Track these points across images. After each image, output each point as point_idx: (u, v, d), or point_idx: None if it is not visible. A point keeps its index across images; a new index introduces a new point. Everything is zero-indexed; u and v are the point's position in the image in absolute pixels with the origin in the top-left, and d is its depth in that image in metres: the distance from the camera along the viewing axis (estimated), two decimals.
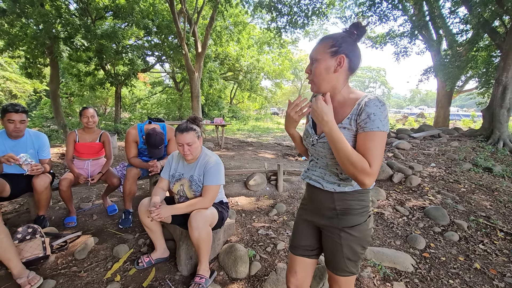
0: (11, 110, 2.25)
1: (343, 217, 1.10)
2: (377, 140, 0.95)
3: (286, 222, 2.83)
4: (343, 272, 1.12)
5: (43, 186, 2.34)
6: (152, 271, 1.94)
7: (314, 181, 1.17)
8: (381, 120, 0.95)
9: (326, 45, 1.02)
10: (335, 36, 1.03)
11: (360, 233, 1.09)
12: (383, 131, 0.95)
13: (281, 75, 22.44)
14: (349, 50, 1.01)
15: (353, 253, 1.10)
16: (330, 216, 1.13)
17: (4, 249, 1.67)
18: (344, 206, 1.10)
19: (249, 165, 5.36)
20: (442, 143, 6.57)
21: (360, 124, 0.98)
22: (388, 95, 61.83)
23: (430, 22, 9.93)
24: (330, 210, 1.13)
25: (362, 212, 1.10)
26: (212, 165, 1.88)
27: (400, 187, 3.89)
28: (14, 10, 8.19)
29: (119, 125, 12.22)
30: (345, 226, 1.10)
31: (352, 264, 1.11)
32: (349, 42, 1.01)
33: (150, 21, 10.38)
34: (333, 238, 1.13)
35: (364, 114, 0.97)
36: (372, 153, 0.94)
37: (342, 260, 1.11)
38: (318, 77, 1.05)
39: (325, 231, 1.17)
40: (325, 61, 1.02)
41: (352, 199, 1.09)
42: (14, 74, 15.30)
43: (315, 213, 1.21)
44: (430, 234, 2.69)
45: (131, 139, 2.71)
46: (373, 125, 0.95)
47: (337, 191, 1.10)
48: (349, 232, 1.09)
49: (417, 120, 22.13)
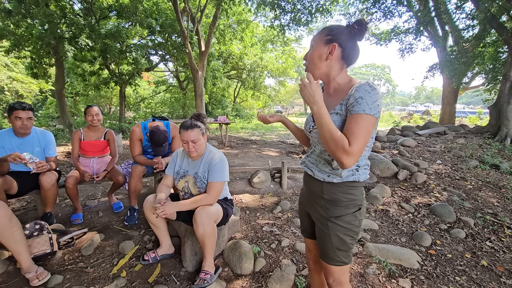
0: (18, 108, 2.29)
1: (330, 207, 1.13)
2: (361, 123, 0.95)
3: (290, 219, 2.83)
4: (334, 262, 1.15)
5: (49, 183, 2.37)
6: (157, 267, 1.95)
7: (308, 168, 1.22)
8: (367, 103, 0.96)
9: (323, 33, 1.07)
10: (334, 27, 1.07)
11: (347, 223, 1.11)
12: (369, 115, 0.96)
13: (285, 73, 22.36)
14: (343, 40, 1.04)
15: (341, 242, 1.12)
16: (319, 204, 1.17)
17: (16, 242, 1.70)
18: (332, 197, 1.12)
19: (253, 162, 5.36)
20: (448, 140, 6.50)
21: (348, 108, 1.00)
22: (393, 93, 61.27)
23: (435, 18, 9.81)
24: (319, 198, 1.17)
25: (349, 204, 1.11)
26: (217, 161, 1.89)
27: (406, 184, 3.86)
28: (20, 11, 8.28)
29: (124, 124, 12.30)
30: (331, 216, 1.13)
31: (342, 254, 1.14)
32: (346, 34, 1.04)
33: (153, 20, 10.40)
34: (321, 228, 1.17)
35: (352, 98, 0.99)
36: (354, 134, 0.95)
37: (332, 250, 1.14)
38: (311, 64, 1.10)
39: (316, 221, 1.22)
40: (319, 48, 1.07)
41: (340, 191, 1.11)
42: (20, 74, 15.47)
43: (309, 200, 1.26)
44: (436, 231, 2.67)
45: (136, 137, 2.73)
46: (359, 108, 0.96)
47: (326, 181, 1.13)
48: (335, 222, 1.12)
49: (422, 118, 21.90)
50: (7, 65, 15.00)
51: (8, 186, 2.22)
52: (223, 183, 1.92)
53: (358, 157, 0.96)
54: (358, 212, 1.13)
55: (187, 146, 1.83)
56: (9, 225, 1.68)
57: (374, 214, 3.01)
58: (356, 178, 1.10)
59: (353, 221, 1.12)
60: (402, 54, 11.45)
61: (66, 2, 9.25)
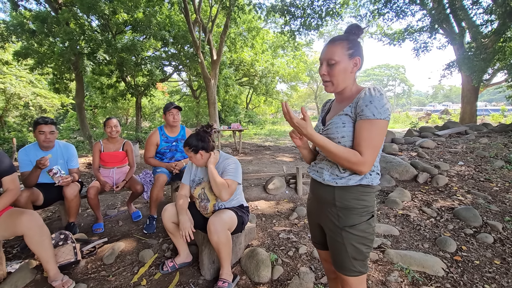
0: (41, 122, 2.43)
1: (343, 215, 1.10)
2: (372, 128, 0.98)
3: (307, 226, 2.79)
4: (351, 272, 1.11)
5: (72, 194, 2.47)
6: (176, 276, 1.97)
7: (317, 174, 1.20)
8: (376, 107, 0.98)
9: (344, 47, 1.07)
10: (348, 38, 1.09)
11: (362, 232, 1.09)
12: (379, 119, 0.98)
13: (296, 77, 22.38)
14: (360, 51, 1.09)
15: (357, 252, 1.10)
16: (331, 213, 1.14)
17: (45, 250, 1.78)
18: (344, 204, 1.10)
19: (268, 169, 5.36)
20: (470, 140, 6.24)
21: (358, 112, 1.02)
22: (409, 93, 59.71)
23: (451, 14, 9.53)
24: (330, 206, 1.14)
25: (362, 212, 1.09)
26: (230, 163, 1.97)
27: (426, 187, 3.73)
28: (43, 30, 8.78)
29: (140, 134, 12.64)
30: (345, 225, 1.10)
31: (359, 263, 1.10)
32: (358, 43, 1.09)
33: (166, 33, 10.73)
34: (335, 238, 1.13)
35: (361, 102, 1.01)
36: (365, 142, 0.98)
37: (348, 260, 1.10)
38: (337, 78, 1.09)
39: (328, 230, 1.18)
40: (344, 62, 1.07)
41: (353, 198, 1.09)
42: (43, 90, 16.31)
43: (318, 209, 1.23)
44: (461, 236, 2.55)
45: (153, 140, 2.91)
46: (369, 113, 0.98)
47: (338, 185, 1.10)
48: (350, 231, 1.09)
49: (441, 117, 21.17)
50: (32, 82, 15.84)
51: (35, 198, 2.33)
52: (236, 183, 1.93)
53: (373, 162, 0.99)
54: (371, 219, 1.11)
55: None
56: (40, 233, 1.76)
57: (394, 219, 2.92)
58: (370, 181, 1.09)
59: (367, 229, 1.10)
60: (417, 54, 11.18)
61: (85, 19, 9.73)
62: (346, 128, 1.06)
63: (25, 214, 1.76)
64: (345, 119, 1.07)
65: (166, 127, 3.01)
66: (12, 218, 1.74)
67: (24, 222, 1.72)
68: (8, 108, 17.80)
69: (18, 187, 1.88)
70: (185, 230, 1.83)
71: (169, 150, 2.97)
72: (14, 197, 1.85)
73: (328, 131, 1.12)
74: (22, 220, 1.72)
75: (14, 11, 9.56)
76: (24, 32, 9.21)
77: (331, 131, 1.10)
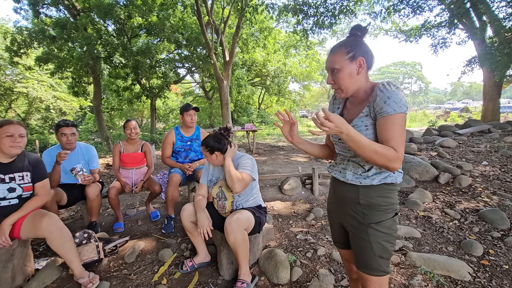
0: (63, 125, 2.52)
1: (368, 212, 1.09)
2: (396, 123, 0.97)
3: (324, 227, 2.75)
4: (376, 272, 1.09)
5: (94, 194, 2.54)
6: (195, 275, 1.99)
7: (339, 174, 1.19)
8: (396, 102, 0.97)
9: (342, 52, 1.07)
10: (346, 42, 1.09)
11: (388, 229, 1.08)
12: (400, 113, 0.97)
13: (309, 77, 22.19)
14: (363, 51, 1.07)
15: (383, 250, 1.08)
16: (355, 210, 1.13)
17: (67, 251, 1.84)
18: (369, 202, 1.09)
19: (282, 169, 5.33)
20: (494, 138, 5.98)
21: (377, 110, 1.01)
22: (426, 90, 58.00)
23: (471, 8, 9.17)
24: (354, 204, 1.13)
25: (387, 209, 1.09)
26: (246, 159, 1.98)
27: (448, 188, 3.60)
28: (62, 36, 9.11)
29: (155, 135, 12.89)
30: (371, 222, 1.08)
31: (384, 262, 1.09)
32: (359, 44, 1.07)
33: (180, 35, 10.90)
34: (360, 236, 1.12)
35: (379, 99, 1.00)
36: (395, 138, 0.97)
37: (374, 258, 1.08)
38: (344, 84, 1.09)
39: (352, 228, 1.16)
40: (346, 67, 1.07)
41: (378, 195, 1.08)
42: (63, 94, 16.93)
43: (340, 208, 1.22)
44: (488, 240, 2.44)
45: (169, 140, 2.96)
46: (390, 109, 0.97)
47: (362, 185, 1.09)
48: (376, 228, 1.08)
49: (461, 115, 20.40)
50: (52, 86, 16.49)
51: (59, 198, 2.41)
52: (251, 177, 1.91)
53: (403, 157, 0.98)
54: (396, 216, 1.11)
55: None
56: (60, 236, 1.82)
57: (415, 221, 2.83)
58: (394, 179, 1.09)
59: (392, 225, 1.09)
60: (435, 50, 10.82)
61: (101, 24, 10.03)
62: (369, 130, 1.06)
63: (46, 217, 1.80)
64: (366, 121, 1.06)
65: (182, 127, 3.05)
66: (34, 222, 1.80)
67: (44, 226, 1.77)
68: (31, 111, 18.61)
69: (47, 194, 1.96)
70: (203, 227, 1.84)
71: (183, 149, 3.01)
72: (42, 203, 1.92)
73: None
74: (43, 224, 1.77)
75: (36, 18, 9.98)
76: (45, 38, 9.60)
77: None
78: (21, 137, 1.76)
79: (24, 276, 1.95)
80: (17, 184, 1.80)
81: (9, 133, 1.70)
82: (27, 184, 1.85)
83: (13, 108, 17.80)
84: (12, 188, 1.78)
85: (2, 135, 1.70)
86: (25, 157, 1.88)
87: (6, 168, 1.77)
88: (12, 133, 1.71)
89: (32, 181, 1.88)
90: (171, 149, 3.01)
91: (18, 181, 1.81)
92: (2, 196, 1.74)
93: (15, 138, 1.72)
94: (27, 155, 1.90)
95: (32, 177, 1.88)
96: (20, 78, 15.10)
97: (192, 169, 2.86)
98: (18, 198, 1.81)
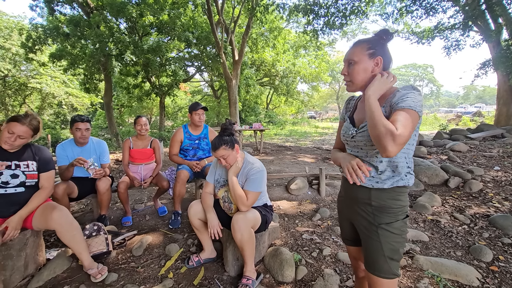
0: (78, 120, 2.57)
1: (379, 214, 1.10)
2: (407, 115, 0.94)
3: (331, 227, 2.74)
4: (386, 274, 1.08)
5: (104, 188, 2.60)
6: (201, 270, 2.01)
7: None
8: (413, 100, 0.97)
9: (363, 47, 1.09)
10: (370, 39, 1.11)
11: (398, 230, 1.08)
12: (415, 110, 0.95)
13: (318, 78, 22.06)
14: (383, 51, 1.10)
15: (394, 251, 1.07)
16: (366, 211, 1.14)
17: (77, 243, 1.89)
18: (381, 204, 1.09)
19: (289, 169, 5.33)
20: (507, 143, 5.84)
21: (393, 106, 1.00)
22: (438, 94, 56.89)
23: (486, 10, 8.96)
24: (365, 205, 1.13)
25: (398, 212, 1.09)
26: (254, 172, 1.89)
27: (458, 192, 3.53)
28: (76, 33, 9.29)
29: (163, 133, 13.03)
30: (382, 223, 1.08)
31: (394, 265, 1.08)
32: (382, 44, 1.10)
33: (190, 34, 10.98)
34: (370, 237, 1.11)
35: (397, 97, 1.00)
36: (401, 122, 0.92)
37: (383, 260, 1.07)
38: (357, 77, 1.11)
39: (363, 229, 1.16)
40: (363, 62, 1.09)
41: (389, 197, 1.08)
42: (75, 90, 17.27)
43: (351, 207, 1.22)
44: (498, 246, 2.39)
45: (177, 138, 3.00)
46: (406, 103, 0.96)
47: (374, 187, 1.10)
48: (387, 229, 1.08)
49: (473, 120, 19.93)
50: (65, 82, 16.85)
51: (70, 190, 2.47)
52: (258, 194, 1.91)
53: (402, 146, 0.91)
54: (407, 219, 1.11)
55: (220, 162, 1.90)
56: (70, 229, 1.87)
57: (423, 225, 2.80)
58: (406, 183, 1.08)
59: (403, 227, 1.09)
60: (447, 52, 10.62)
61: (114, 22, 10.19)
62: None
63: (56, 210, 1.86)
64: None
65: (190, 125, 3.09)
66: (45, 214, 1.86)
67: (54, 219, 1.83)
68: (44, 106, 19.07)
69: (52, 186, 2.01)
70: (214, 228, 1.87)
71: (191, 147, 3.04)
72: (47, 196, 1.97)
73: (365, 133, 1.09)
74: (53, 217, 1.83)
75: (51, 16, 10.20)
76: (59, 35, 9.81)
77: (367, 133, 1.07)
78: (20, 138, 1.82)
79: (36, 265, 2.01)
80: (21, 171, 1.86)
81: (11, 131, 1.77)
82: (31, 172, 1.90)
83: (27, 103, 18.28)
84: (16, 175, 1.84)
85: (6, 129, 1.77)
86: (31, 147, 1.95)
87: (12, 155, 1.84)
88: (13, 131, 1.78)
89: (38, 170, 1.94)
90: (179, 147, 3.05)
91: (23, 168, 1.87)
92: (5, 180, 1.80)
93: (15, 137, 1.79)
94: (33, 147, 1.97)
95: (38, 167, 1.94)
96: (34, 74, 15.50)
97: (201, 166, 2.89)
98: (23, 186, 1.87)
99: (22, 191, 1.86)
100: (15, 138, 1.79)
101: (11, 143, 1.79)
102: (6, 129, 1.77)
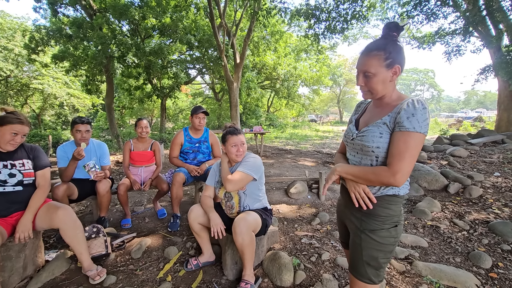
0: (78, 122, 2.59)
1: (366, 220, 1.12)
2: (410, 141, 0.97)
3: (330, 232, 2.74)
4: (361, 276, 1.13)
5: (104, 190, 2.60)
6: (200, 274, 2.01)
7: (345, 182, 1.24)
8: (418, 121, 0.97)
9: (380, 58, 1.04)
10: (384, 46, 1.04)
11: (381, 238, 1.09)
12: (419, 133, 0.97)
13: (319, 81, 22.09)
14: (400, 57, 1.05)
15: (372, 258, 1.10)
16: (355, 216, 1.18)
17: (79, 243, 1.91)
18: (370, 211, 1.11)
19: (289, 172, 5.33)
20: (508, 149, 5.83)
21: (398, 122, 1.00)
22: (438, 98, 56.93)
23: (487, 16, 9.01)
24: (356, 210, 1.17)
25: (385, 220, 1.10)
26: (249, 158, 1.97)
27: (458, 198, 3.53)
28: (78, 35, 9.35)
29: (164, 135, 13.05)
30: (366, 229, 1.12)
31: (371, 271, 1.11)
32: (397, 49, 1.04)
33: (192, 37, 11.04)
34: (354, 240, 1.16)
35: (403, 113, 0.99)
36: (400, 154, 0.97)
37: (361, 263, 1.12)
38: (376, 88, 1.08)
39: (351, 231, 1.21)
40: (381, 74, 1.05)
41: (378, 205, 1.10)
42: (77, 91, 17.33)
43: (345, 210, 1.27)
44: (498, 252, 2.39)
45: (177, 140, 3.01)
46: (410, 125, 0.97)
47: None
48: (369, 235, 1.10)
49: (474, 125, 19.94)
50: (66, 83, 16.90)
51: (70, 192, 2.48)
52: (247, 176, 1.88)
53: (407, 173, 0.97)
54: (393, 228, 1.11)
55: (237, 149, 1.90)
56: (74, 227, 1.89)
57: (422, 230, 2.79)
58: (396, 191, 1.09)
59: (387, 237, 1.10)
60: (448, 57, 10.65)
61: (116, 24, 10.26)
62: (383, 139, 1.06)
63: (61, 209, 1.88)
64: (382, 129, 1.06)
65: (191, 128, 3.10)
66: (49, 212, 1.87)
67: (60, 217, 1.85)
68: (45, 107, 19.13)
69: (48, 183, 2.01)
70: (217, 226, 1.86)
71: (192, 151, 3.05)
72: (45, 193, 1.97)
73: (363, 138, 1.11)
74: (58, 215, 1.85)
75: (54, 17, 10.27)
76: (62, 36, 9.87)
77: (366, 139, 1.10)
78: (22, 137, 1.84)
79: (35, 266, 2.01)
80: (17, 170, 1.87)
81: (15, 131, 1.78)
82: (28, 170, 1.91)
83: (28, 104, 18.34)
84: (13, 174, 1.85)
85: (8, 130, 1.77)
86: (24, 147, 1.97)
87: (6, 156, 1.85)
88: (17, 131, 1.79)
89: (33, 168, 1.95)
90: (179, 150, 3.06)
91: (19, 167, 1.88)
92: (3, 179, 1.81)
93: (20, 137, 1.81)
94: (26, 146, 1.98)
95: (33, 165, 1.96)
96: (36, 75, 15.56)
97: (201, 171, 2.89)
98: (21, 184, 1.88)
99: (20, 189, 1.87)
100: (20, 138, 1.82)
101: (17, 143, 1.82)
102: (7, 132, 1.78)
